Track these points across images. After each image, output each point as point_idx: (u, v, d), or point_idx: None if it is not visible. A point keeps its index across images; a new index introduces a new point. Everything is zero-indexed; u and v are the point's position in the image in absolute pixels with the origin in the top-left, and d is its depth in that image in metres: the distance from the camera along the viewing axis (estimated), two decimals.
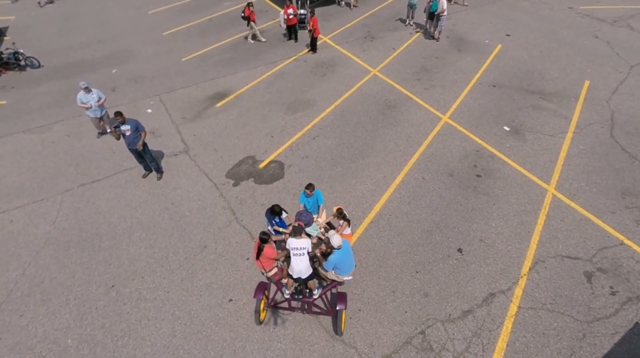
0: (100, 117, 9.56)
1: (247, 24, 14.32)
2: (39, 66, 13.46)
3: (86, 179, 8.91)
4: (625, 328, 5.92)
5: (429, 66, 12.92)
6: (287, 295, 5.89)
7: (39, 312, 6.38)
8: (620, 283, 6.51)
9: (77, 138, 10.17)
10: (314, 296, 5.89)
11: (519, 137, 9.78)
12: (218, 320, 6.20)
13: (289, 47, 14.44)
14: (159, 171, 8.86)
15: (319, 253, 6.02)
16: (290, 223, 6.67)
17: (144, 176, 8.90)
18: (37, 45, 15.17)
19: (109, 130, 9.70)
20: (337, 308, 5.74)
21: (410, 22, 15.63)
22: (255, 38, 14.86)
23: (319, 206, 6.95)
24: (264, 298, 5.98)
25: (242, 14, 13.99)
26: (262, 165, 9.19)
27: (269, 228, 6.64)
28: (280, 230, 6.54)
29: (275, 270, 6.05)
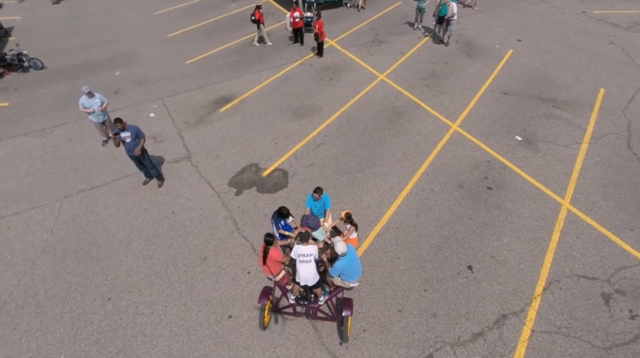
0: (102, 122, 9.36)
1: (257, 27, 14.10)
2: (42, 68, 13.33)
3: (86, 185, 8.72)
4: None
5: (437, 72, 12.60)
6: (292, 301, 5.78)
7: (32, 325, 6.17)
8: None
9: (78, 142, 9.98)
10: (320, 302, 5.79)
11: (532, 147, 9.44)
12: (217, 337, 5.95)
13: (295, 51, 14.19)
14: (159, 178, 8.64)
15: (325, 259, 5.89)
16: (296, 227, 6.55)
17: (145, 183, 8.69)
18: (42, 46, 15.06)
19: (110, 135, 9.50)
20: (343, 314, 5.61)
21: (419, 26, 15.32)
22: (261, 41, 14.63)
23: (325, 210, 6.78)
24: (269, 302, 5.87)
25: (251, 17, 13.69)
26: (265, 173, 8.94)
27: (275, 231, 6.46)
28: (287, 233, 6.40)
29: (283, 273, 5.90)
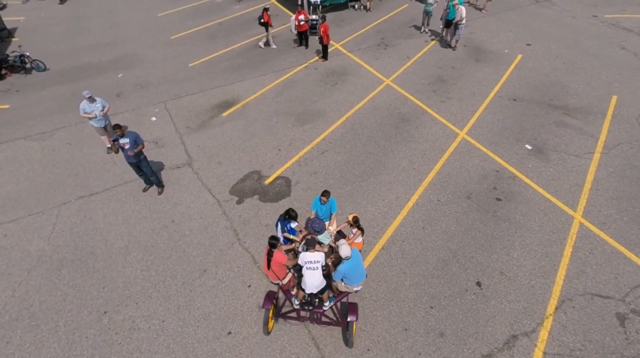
0: (104, 127, 9.15)
1: (265, 30, 13.91)
2: (44, 69, 13.21)
3: (85, 191, 8.54)
4: None
5: (445, 77, 12.34)
6: (296, 306, 5.69)
7: (26, 339, 5.98)
8: None
9: (78, 147, 9.82)
10: (325, 307, 5.69)
11: (542, 157, 9.16)
12: (215, 355, 5.74)
13: (299, 54, 13.97)
14: (159, 185, 8.45)
15: (329, 263, 5.79)
16: (300, 230, 6.45)
17: (145, 190, 8.50)
18: (45, 47, 14.94)
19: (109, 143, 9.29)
20: (348, 319, 5.50)
21: (426, 29, 15.05)
22: (267, 44, 14.41)
23: (331, 214, 6.66)
24: (272, 307, 5.77)
25: (260, 19, 13.47)
26: (267, 181, 8.73)
27: (279, 234, 6.32)
28: (291, 237, 6.28)
29: (290, 276, 5.84)
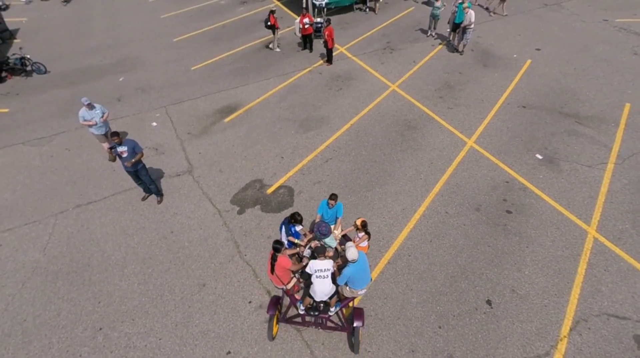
0: (105, 134, 8.91)
1: (272, 32, 13.68)
2: (45, 72, 13.03)
3: (82, 199, 8.33)
4: None
5: (452, 82, 12.05)
6: (301, 311, 5.62)
7: (18, 357, 5.77)
8: None
9: (77, 153, 9.62)
10: (330, 312, 5.63)
11: (554, 167, 8.86)
12: None
13: (304, 58, 13.73)
14: (158, 193, 8.22)
15: (335, 267, 5.62)
16: (304, 234, 6.41)
17: (144, 199, 8.28)
18: (46, 49, 14.78)
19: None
20: (354, 325, 5.44)
21: (433, 33, 14.77)
22: (274, 47, 14.14)
23: (337, 218, 6.56)
24: (277, 312, 5.72)
25: (266, 22, 13.25)
26: (270, 190, 8.48)
27: (284, 237, 6.25)
28: (296, 241, 6.22)
29: (294, 281, 5.78)
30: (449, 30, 14.06)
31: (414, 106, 11.04)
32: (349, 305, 6.08)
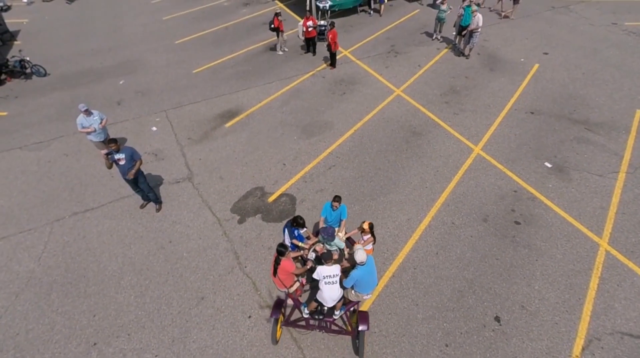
0: (103, 141, 8.68)
1: (276, 35, 13.50)
2: (45, 74, 12.89)
3: (79, 207, 8.14)
4: None
5: (458, 87, 11.81)
6: (306, 315, 5.59)
7: None
8: None
9: (75, 158, 9.44)
10: (335, 316, 5.60)
11: (563, 176, 8.61)
12: None
13: (307, 61, 13.51)
14: (157, 201, 8.02)
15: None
16: (308, 236, 6.41)
17: (142, 207, 8.09)
18: (46, 50, 14.65)
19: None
20: (360, 328, 5.36)
21: (438, 36, 14.52)
22: (273, 49, 13.94)
23: (341, 221, 6.49)
24: (281, 316, 5.66)
25: (270, 25, 13.07)
26: (271, 198, 8.27)
27: (287, 240, 6.21)
28: (300, 244, 6.18)
29: (297, 285, 5.73)
30: (454, 33, 13.82)
31: (419, 111, 10.80)
32: (354, 308, 5.96)
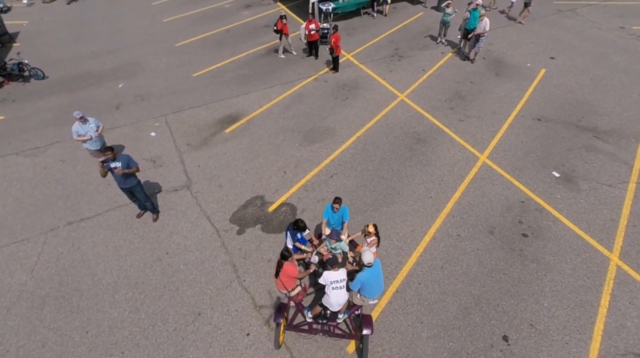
0: (100, 149, 8.47)
1: (279, 38, 13.29)
2: (43, 77, 12.69)
3: (75, 216, 7.94)
4: None
5: (463, 92, 11.57)
6: (309, 319, 5.59)
7: None
8: None
9: (72, 164, 9.24)
10: (338, 320, 5.57)
11: (572, 186, 8.36)
12: None
13: (309, 65, 13.29)
14: (154, 211, 7.81)
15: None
16: (310, 239, 6.46)
17: (139, 216, 7.88)
18: (46, 53, 14.45)
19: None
20: (364, 332, 5.32)
21: (442, 39, 14.27)
22: (283, 52, 13.73)
23: (343, 223, 6.50)
24: (284, 320, 5.58)
25: (274, 27, 12.91)
26: (271, 208, 8.05)
27: (289, 244, 6.29)
28: (302, 247, 6.24)
29: (299, 289, 5.70)
30: (459, 37, 13.60)
31: (423, 117, 10.57)
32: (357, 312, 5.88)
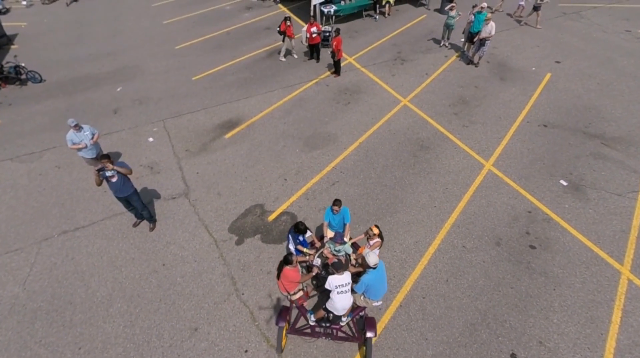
0: (96, 157, 8.23)
1: (282, 40, 13.11)
2: (40, 81, 12.51)
3: (69, 225, 7.74)
4: None
5: (467, 97, 11.35)
6: (312, 322, 5.58)
7: None
8: None
9: (67, 171, 9.04)
10: (342, 322, 5.52)
11: (580, 195, 8.14)
12: None
13: (310, 69, 13.08)
14: (151, 220, 7.61)
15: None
16: (312, 241, 6.44)
17: (135, 225, 7.67)
18: (44, 55, 14.28)
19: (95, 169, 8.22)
20: (367, 335, 5.29)
21: (446, 43, 14.05)
22: (285, 55, 13.53)
23: (344, 225, 6.43)
24: (286, 324, 5.52)
25: (278, 28, 12.76)
26: (271, 217, 7.84)
27: (291, 247, 6.28)
28: (304, 250, 6.21)
29: (300, 294, 5.66)
30: (463, 40, 13.38)
31: (427, 123, 10.35)
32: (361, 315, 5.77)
